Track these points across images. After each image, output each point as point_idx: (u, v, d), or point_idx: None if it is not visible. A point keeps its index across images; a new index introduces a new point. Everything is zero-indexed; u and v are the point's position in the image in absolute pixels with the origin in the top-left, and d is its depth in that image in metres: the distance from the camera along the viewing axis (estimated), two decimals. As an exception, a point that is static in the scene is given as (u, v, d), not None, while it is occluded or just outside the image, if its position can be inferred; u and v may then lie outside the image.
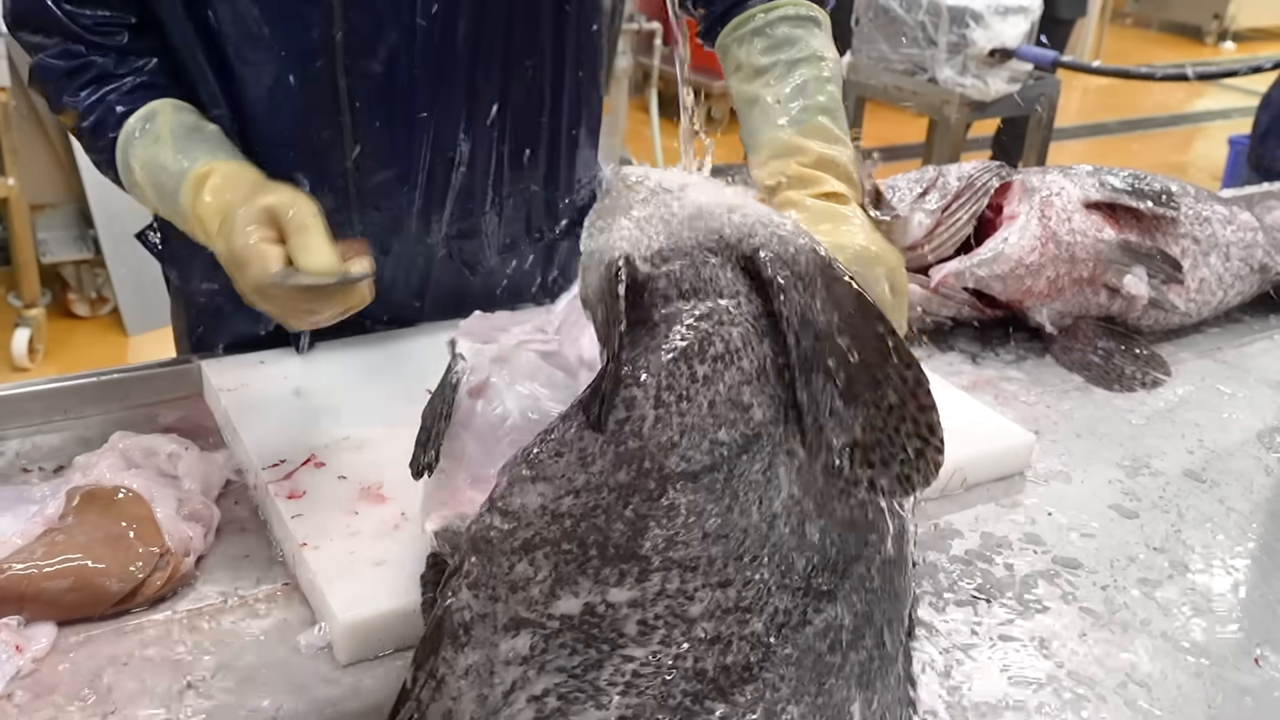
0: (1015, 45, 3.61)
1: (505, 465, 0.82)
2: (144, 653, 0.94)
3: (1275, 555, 1.19)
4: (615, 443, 0.77)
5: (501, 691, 0.75)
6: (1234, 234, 1.71)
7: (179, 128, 1.17)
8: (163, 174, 1.14)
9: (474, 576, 0.78)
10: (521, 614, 0.76)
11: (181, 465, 1.11)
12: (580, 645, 0.75)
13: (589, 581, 0.76)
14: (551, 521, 0.77)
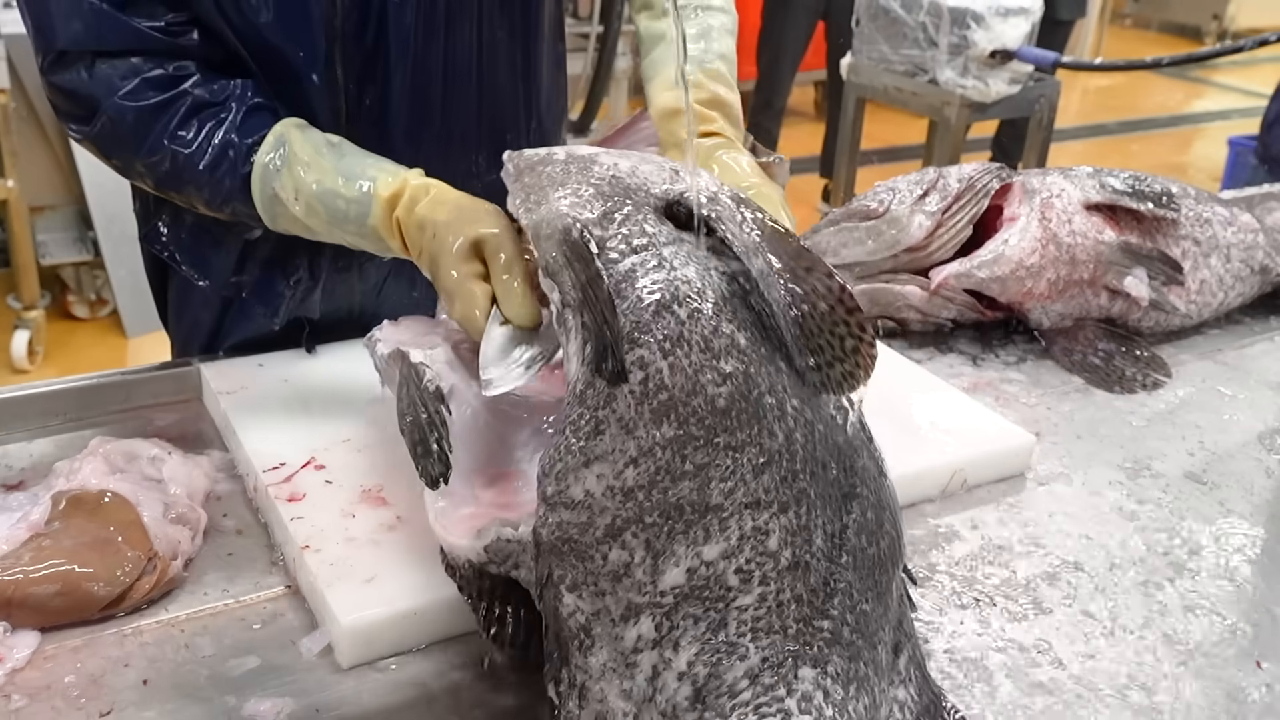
0: (1016, 46, 3.61)
1: (542, 460, 0.82)
2: (143, 656, 0.94)
3: (1276, 557, 1.19)
4: (646, 401, 0.80)
5: (644, 678, 0.78)
6: (1234, 235, 1.71)
7: (320, 147, 1.14)
8: (337, 200, 1.10)
9: (570, 579, 0.79)
10: (634, 600, 0.78)
11: (166, 469, 1.11)
12: (700, 611, 0.78)
13: (682, 547, 0.78)
14: (625, 500, 0.79)
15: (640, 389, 0.80)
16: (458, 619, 0.98)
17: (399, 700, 0.92)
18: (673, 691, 0.77)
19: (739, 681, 0.77)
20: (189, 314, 1.45)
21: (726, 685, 0.77)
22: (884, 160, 5.69)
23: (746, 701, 0.77)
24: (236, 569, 1.05)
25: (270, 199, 1.14)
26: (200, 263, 1.37)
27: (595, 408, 0.80)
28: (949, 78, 3.66)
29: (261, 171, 1.13)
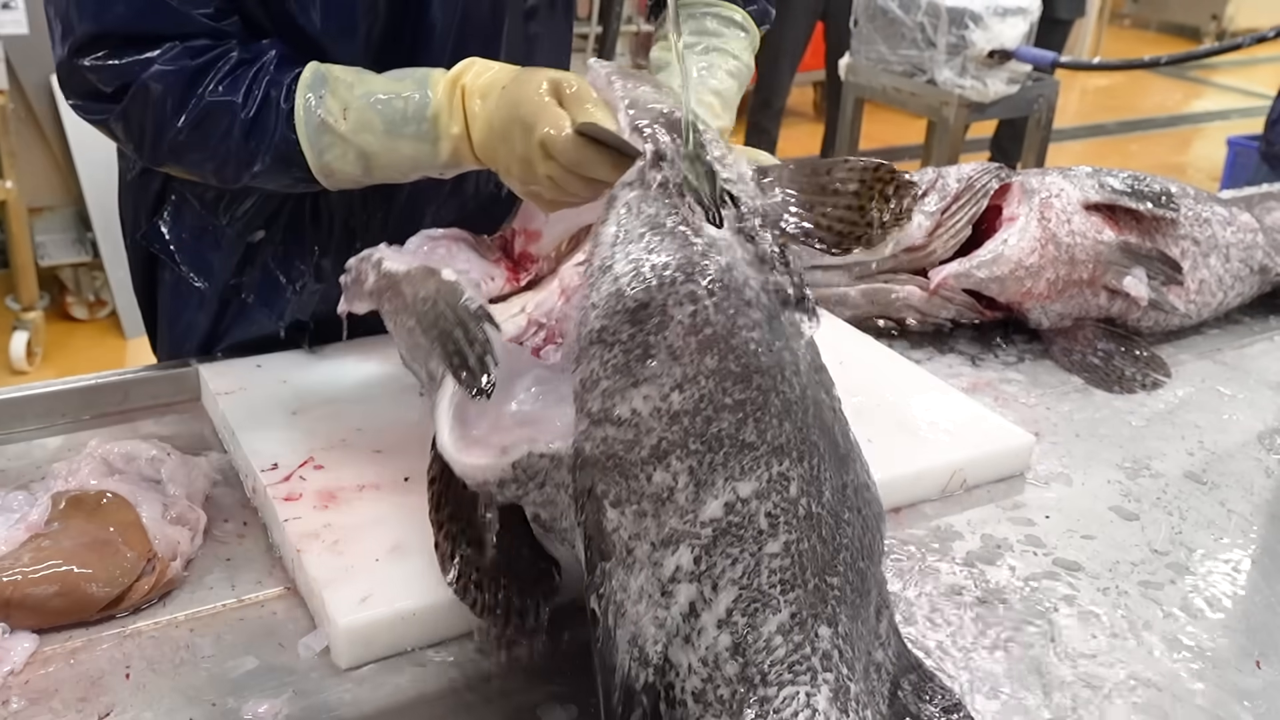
0: (1014, 46, 3.61)
1: (580, 377, 0.83)
2: (143, 657, 0.94)
3: (1276, 557, 1.19)
4: (694, 333, 0.82)
5: (679, 612, 0.78)
6: (1234, 235, 1.71)
7: (359, 70, 1.14)
8: (393, 100, 1.09)
9: (614, 495, 0.80)
10: (675, 526, 0.79)
11: (165, 470, 1.11)
12: (735, 551, 0.79)
13: (720, 479, 0.80)
14: (671, 422, 0.80)
15: (689, 321, 0.83)
16: (455, 620, 0.98)
17: (397, 701, 0.91)
18: (713, 639, 0.78)
19: (774, 637, 0.78)
20: (183, 316, 1.43)
21: (764, 640, 0.78)
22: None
23: (781, 659, 0.78)
24: (235, 570, 1.05)
25: (317, 129, 1.11)
26: (200, 264, 1.36)
27: (649, 330, 0.82)
28: (947, 78, 3.66)
29: (305, 103, 1.12)
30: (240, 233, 1.33)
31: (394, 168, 1.13)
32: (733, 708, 0.77)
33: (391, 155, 1.11)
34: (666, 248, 0.86)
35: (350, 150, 1.12)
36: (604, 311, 0.84)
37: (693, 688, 0.78)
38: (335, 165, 1.13)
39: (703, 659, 0.78)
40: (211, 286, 1.37)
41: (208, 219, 1.34)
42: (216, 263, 1.36)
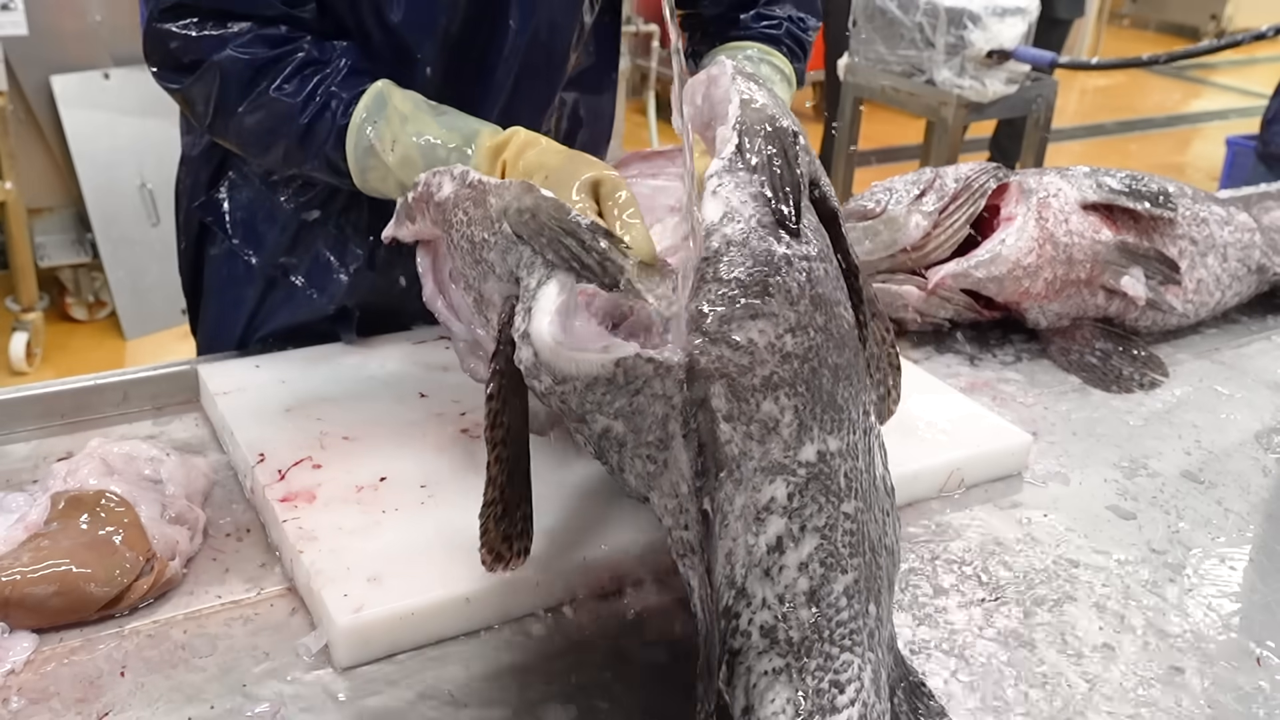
0: (1013, 46, 3.61)
1: (694, 303, 0.83)
2: (142, 656, 0.94)
3: (1274, 556, 1.19)
4: (809, 285, 0.85)
5: (766, 545, 0.80)
6: (1231, 235, 1.71)
7: (419, 104, 1.18)
8: (436, 149, 1.15)
9: (726, 411, 0.81)
10: (777, 458, 0.81)
11: (164, 470, 1.11)
12: (821, 499, 0.82)
13: (817, 426, 0.83)
14: (783, 361, 0.82)
15: (804, 276, 0.85)
16: (454, 619, 0.98)
17: (396, 701, 0.92)
18: (792, 579, 0.80)
19: (840, 598, 0.81)
20: (230, 291, 1.45)
21: (833, 597, 0.80)
22: (882, 161, 5.69)
23: (844, 621, 0.81)
24: (234, 569, 1.05)
25: (365, 151, 1.16)
26: (252, 237, 1.40)
27: (768, 272, 0.83)
28: (946, 78, 3.66)
29: (359, 124, 1.16)
30: (296, 210, 1.37)
31: None
32: (799, 651, 0.79)
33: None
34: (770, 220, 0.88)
35: (391, 178, 1.17)
36: (719, 254, 0.85)
37: (762, 621, 0.79)
38: (377, 186, 1.19)
39: (780, 596, 0.79)
40: (261, 261, 1.40)
41: (265, 195, 1.39)
42: (269, 237, 1.39)
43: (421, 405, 1.26)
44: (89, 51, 3.82)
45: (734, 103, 0.95)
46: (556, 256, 0.88)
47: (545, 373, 0.86)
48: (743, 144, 0.91)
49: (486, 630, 0.99)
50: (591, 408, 0.85)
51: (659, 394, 0.82)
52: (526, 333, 0.87)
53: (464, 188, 1.01)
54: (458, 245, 1.00)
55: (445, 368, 1.33)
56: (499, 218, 0.94)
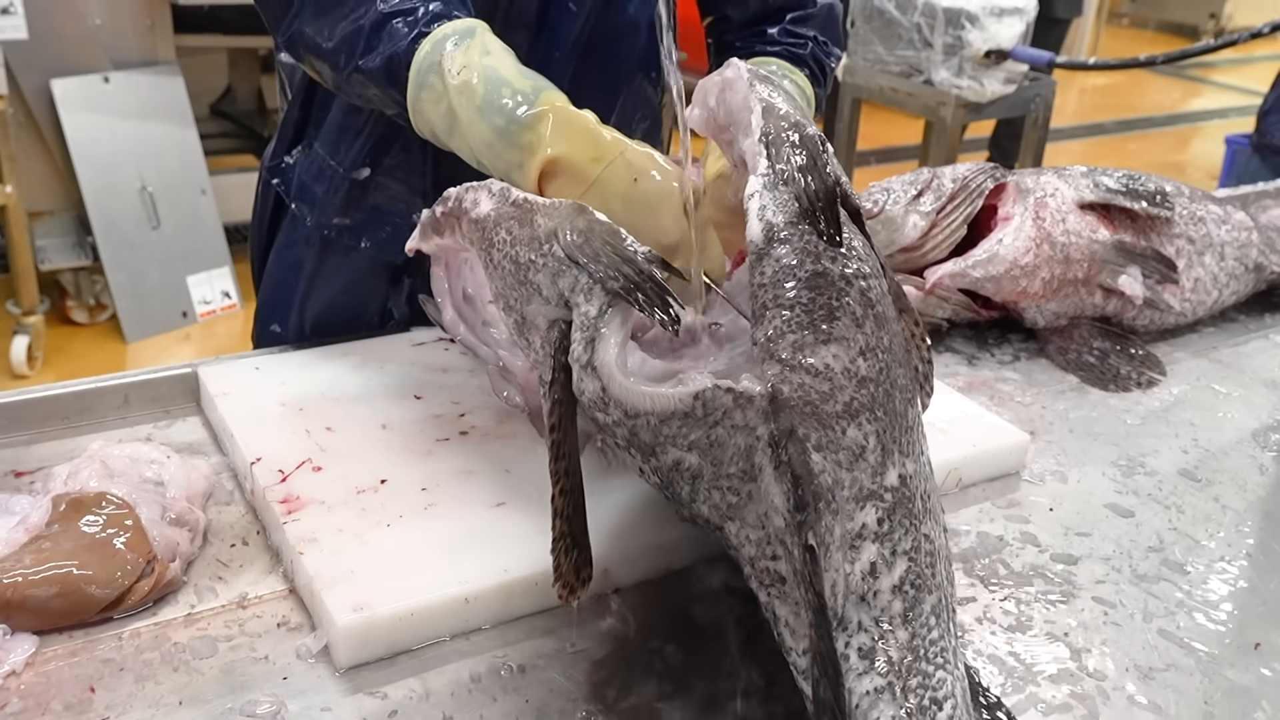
0: (1011, 46, 3.61)
1: (761, 330, 0.83)
2: (141, 659, 0.94)
3: (1271, 554, 1.20)
4: (869, 306, 0.85)
5: (861, 571, 0.80)
6: (1229, 233, 1.72)
7: (508, 51, 1.16)
8: (503, 87, 1.10)
9: (815, 440, 0.80)
10: (866, 485, 0.81)
11: (165, 472, 1.12)
12: (906, 523, 0.82)
13: (896, 451, 0.83)
14: (859, 386, 0.82)
15: (862, 296, 0.85)
16: (454, 620, 0.98)
17: (396, 701, 0.92)
18: (887, 602, 0.81)
19: (929, 617, 0.82)
20: (290, 253, 1.52)
21: (924, 617, 0.81)
22: (881, 161, 5.70)
23: (935, 640, 0.82)
24: (235, 571, 1.05)
25: (430, 67, 1.13)
26: (308, 197, 1.46)
27: (830, 296, 0.83)
28: (944, 78, 3.67)
29: (440, 39, 1.14)
30: (347, 170, 1.42)
31: (467, 142, 1.13)
32: (899, 671, 0.79)
33: (470, 128, 1.11)
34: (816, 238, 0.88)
35: (444, 103, 1.13)
36: (779, 279, 0.84)
37: (860, 644, 0.80)
38: (427, 108, 1.15)
39: (875, 619, 0.80)
40: (315, 221, 1.46)
41: (320, 158, 1.44)
42: (323, 198, 1.45)
43: (421, 407, 1.26)
44: (89, 55, 3.83)
45: (755, 112, 0.93)
46: (617, 285, 0.87)
47: (615, 407, 0.85)
48: (773, 156, 0.89)
49: (486, 630, 1.00)
50: (665, 440, 0.84)
51: (740, 425, 0.81)
52: (592, 365, 0.86)
53: (506, 205, 0.99)
54: (499, 265, 0.98)
55: (445, 369, 1.34)
56: (548, 239, 0.93)
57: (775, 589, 0.83)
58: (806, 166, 0.88)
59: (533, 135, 1.08)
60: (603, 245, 0.90)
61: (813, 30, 1.50)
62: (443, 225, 1.08)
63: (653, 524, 1.07)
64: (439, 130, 1.15)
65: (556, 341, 0.91)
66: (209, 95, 4.72)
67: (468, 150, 1.14)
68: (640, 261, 0.89)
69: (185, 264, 4.05)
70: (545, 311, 0.94)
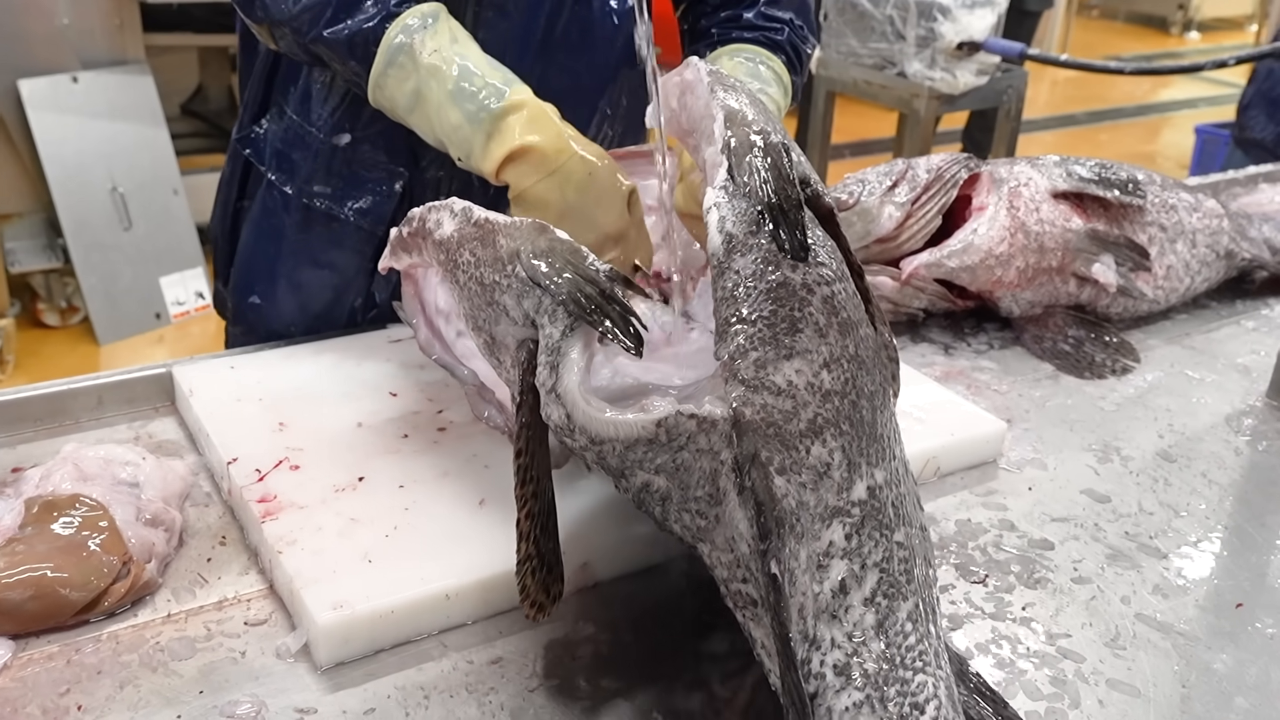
0: (982, 38, 3.63)
1: (726, 348, 0.81)
2: (119, 661, 0.94)
3: (1245, 537, 1.21)
4: (833, 314, 0.83)
5: (830, 589, 0.80)
6: (1200, 221, 1.73)
7: (473, 40, 1.21)
8: (473, 75, 1.16)
9: (778, 463, 0.80)
10: (831, 502, 0.80)
11: (141, 473, 1.10)
12: (876, 535, 0.81)
13: (865, 462, 0.82)
14: (824, 401, 0.81)
15: (825, 304, 0.83)
16: (435, 617, 0.98)
17: (377, 698, 0.92)
18: (859, 616, 0.80)
19: (905, 624, 0.81)
20: (267, 221, 1.50)
21: (899, 624, 0.81)
22: (855, 154, 5.71)
23: (912, 646, 0.81)
24: (213, 571, 1.05)
25: (399, 47, 1.18)
26: (287, 165, 1.45)
27: (791, 307, 0.82)
28: (917, 70, 3.68)
29: (407, 22, 1.18)
30: (326, 135, 1.41)
31: (431, 122, 1.18)
32: (876, 682, 0.79)
33: (439, 111, 1.17)
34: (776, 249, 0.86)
35: (410, 82, 1.18)
36: (740, 293, 0.83)
37: (834, 661, 0.79)
38: (392, 85, 1.20)
39: (849, 634, 0.80)
40: (296, 188, 1.45)
41: (297, 124, 1.43)
42: (303, 165, 1.44)
43: (398, 404, 1.26)
44: (57, 55, 3.78)
45: (718, 119, 0.91)
46: (578, 308, 0.87)
47: (580, 433, 0.85)
48: (734, 167, 0.87)
49: (467, 627, 0.99)
50: (632, 465, 0.84)
51: (704, 449, 0.81)
52: (556, 392, 0.86)
53: (469, 226, 0.99)
54: (465, 287, 0.98)
55: (421, 366, 1.33)
56: (510, 259, 0.92)
57: (749, 610, 0.83)
58: (770, 177, 0.86)
59: (502, 124, 1.14)
60: (565, 265, 0.90)
61: (788, 14, 1.49)
62: (410, 245, 1.08)
63: (632, 518, 1.07)
64: (399, 107, 1.20)
65: (525, 362, 0.91)
66: (180, 95, 4.68)
67: (429, 129, 1.20)
68: (602, 281, 0.88)
69: (158, 265, 4.01)
70: (514, 332, 0.94)
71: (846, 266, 0.90)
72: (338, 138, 1.41)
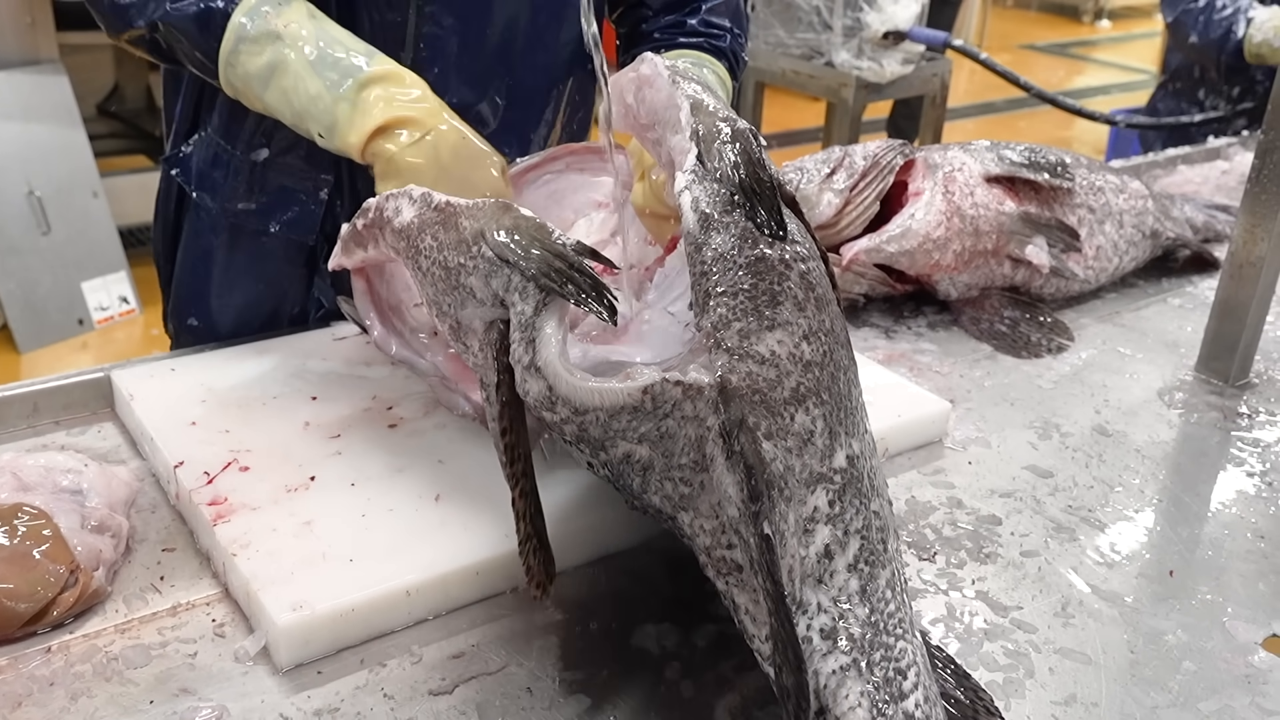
0: (907, 27, 3.69)
1: (707, 319, 0.82)
2: (72, 672, 0.91)
3: (1182, 505, 1.25)
4: (810, 289, 0.85)
5: (815, 553, 0.81)
6: (1126, 202, 1.78)
7: (325, 17, 1.20)
8: (336, 46, 1.16)
9: (765, 429, 0.80)
10: (815, 468, 0.82)
11: (84, 480, 1.08)
12: (857, 502, 0.83)
13: (843, 432, 0.84)
14: (805, 370, 0.83)
15: (802, 279, 0.85)
16: (396, 613, 0.97)
17: (340, 698, 0.91)
18: (844, 581, 0.82)
19: (885, 590, 0.83)
20: (197, 243, 1.48)
21: (880, 591, 0.83)
22: (783, 144, 5.76)
23: (893, 612, 0.84)
24: (165, 577, 1.03)
25: (250, 20, 1.16)
26: (208, 184, 1.43)
27: (771, 281, 0.83)
28: (845, 59, 3.73)
29: (256, 6, 1.17)
30: (244, 152, 1.39)
31: (288, 97, 1.17)
32: (862, 646, 0.80)
33: (299, 81, 1.15)
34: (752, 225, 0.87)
35: (264, 55, 1.16)
36: (720, 266, 0.84)
37: (820, 625, 0.80)
38: (244, 61, 1.18)
39: (834, 599, 0.81)
40: (219, 206, 1.43)
41: (217, 142, 1.41)
42: (225, 184, 1.42)
43: (346, 402, 1.24)
44: (-34, 55, 3.66)
45: (684, 109, 0.92)
46: (550, 281, 0.87)
47: (563, 405, 0.85)
48: (704, 152, 0.88)
49: (428, 622, 0.99)
50: (615, 435, 0.84)
51: (690, 416, 0.81)
52: (535, 366, 0.86)
53: (429, 210, 0.98)
54: (428, 272, 0.97)
55: (368, 363, 1.32)
56: (475, 240, 0.92)
57: (733, 577, 0.84)
58: (742, 161, 0.88)
59: (368, 94, 1.14)
60: (531, 241, 0.89)
61: (728, 20, 1.51)
62: (365, 238, 1.06)
63: (591, 506, 1.08)
64: (253, 83, 1.19)
65: (497, 343, 0.91)
66: (95, 95, 4.55)
67: (285, 104, 1.18)
68: (570, 255, 0.88)
69: (79, 270, 3.91)
70: (481, 313, 0.93)
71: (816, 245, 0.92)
72: (256, 154, 1.39)
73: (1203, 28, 2.98)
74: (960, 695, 0.90)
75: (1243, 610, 1.07)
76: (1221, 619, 1.06)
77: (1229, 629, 1.05)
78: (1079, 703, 0.95)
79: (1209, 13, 2.96)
